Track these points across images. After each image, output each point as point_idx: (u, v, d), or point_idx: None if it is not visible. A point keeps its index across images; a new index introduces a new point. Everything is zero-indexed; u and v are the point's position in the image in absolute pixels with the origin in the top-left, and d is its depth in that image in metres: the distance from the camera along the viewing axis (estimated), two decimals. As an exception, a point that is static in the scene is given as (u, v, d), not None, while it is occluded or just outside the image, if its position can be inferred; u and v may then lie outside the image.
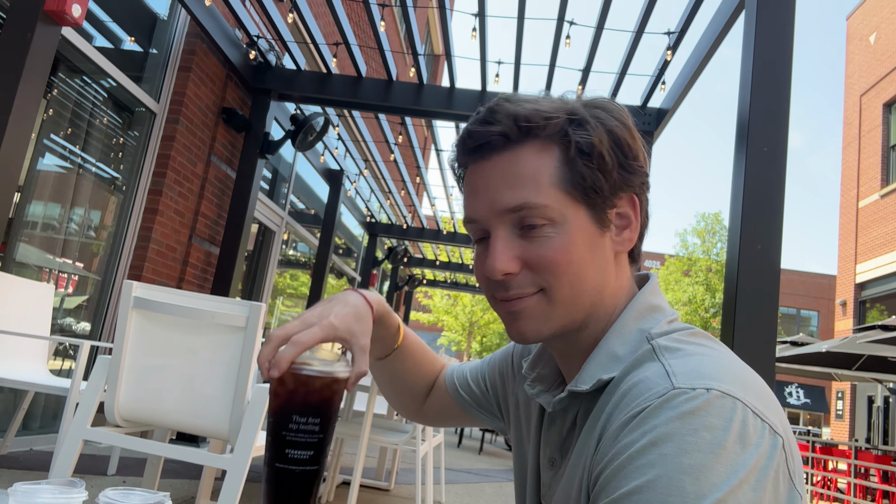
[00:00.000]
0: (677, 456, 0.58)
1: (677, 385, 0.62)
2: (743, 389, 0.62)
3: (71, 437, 2.24)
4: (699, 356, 0.67)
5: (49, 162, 4.16)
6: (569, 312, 0.75)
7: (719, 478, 0.56)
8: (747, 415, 0.60)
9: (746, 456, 0.58)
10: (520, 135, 0.74)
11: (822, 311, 31.82)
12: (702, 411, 0.59)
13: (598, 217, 0.74)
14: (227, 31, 5.11)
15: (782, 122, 3.05)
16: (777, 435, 0.61)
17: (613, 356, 0.73)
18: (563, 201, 0.73)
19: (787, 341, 11.29)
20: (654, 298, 0.78)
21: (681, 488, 0.56)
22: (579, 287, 0.74)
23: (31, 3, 2.95)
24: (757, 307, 2.94)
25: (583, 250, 0.73)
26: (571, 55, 39.52)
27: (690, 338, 0.71)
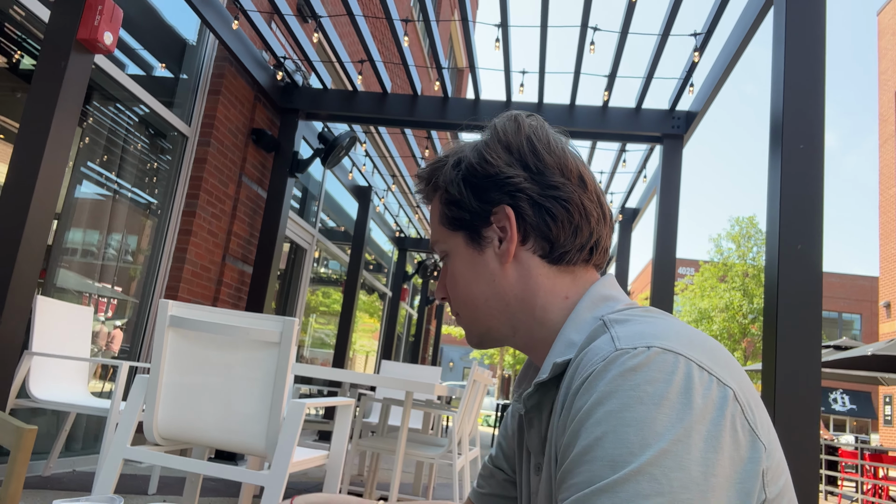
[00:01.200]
0: (620, 411, 0.59)
1: (619, 346, 0.64)
2: (688, 346, 0.64)
3: (111, 456, 2.26)
4: (647, 322, 0.69)
5: (86, 189, 4.26)
6: (479, 324, 0.86)
7: (663, 427, 0.57)
8: (691, 367, 0.61)
9: (694, 407, 0.59)
10: (428, 193, 0.91)
11: (865, 313, 30.93)
12: (643, 367, 0.61)
13: (472, 239, 0.84)
14: (255, 54, 5.20)
15: (818, 117, 2.97)
16: (726, 386, 0.61)
17: (569, 343, 0.75)
18: (445, 235, 0.87)
19: (830, 345, 10.97)
20: (606, 290, 0.81)
21: (625, 440, 0.58)
22: (472, 303, 0.85)
23: (65, 32, 3.03)
24: (800, 308, 2.85)
25: (465, 271, 0.85)
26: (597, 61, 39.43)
27: (643, 313, 0.74)
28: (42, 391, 3.21)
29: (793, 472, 0.73)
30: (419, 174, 0.92)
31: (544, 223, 0.80)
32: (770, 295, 2.98)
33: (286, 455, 2.22)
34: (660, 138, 5.46)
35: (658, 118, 5.39)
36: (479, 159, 0.83)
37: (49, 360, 3.34)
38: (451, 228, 0.86)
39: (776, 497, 0.62)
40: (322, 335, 9.15)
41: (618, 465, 0.57)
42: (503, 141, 0.83)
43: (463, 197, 0.83)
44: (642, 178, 7.26)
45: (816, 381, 2.86)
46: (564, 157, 0.83)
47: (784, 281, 2.88)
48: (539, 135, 0.83)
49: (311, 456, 2.52)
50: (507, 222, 0.81)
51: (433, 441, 4.06)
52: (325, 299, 9.22)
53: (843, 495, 9.96)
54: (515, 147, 0.82)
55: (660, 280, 5.29)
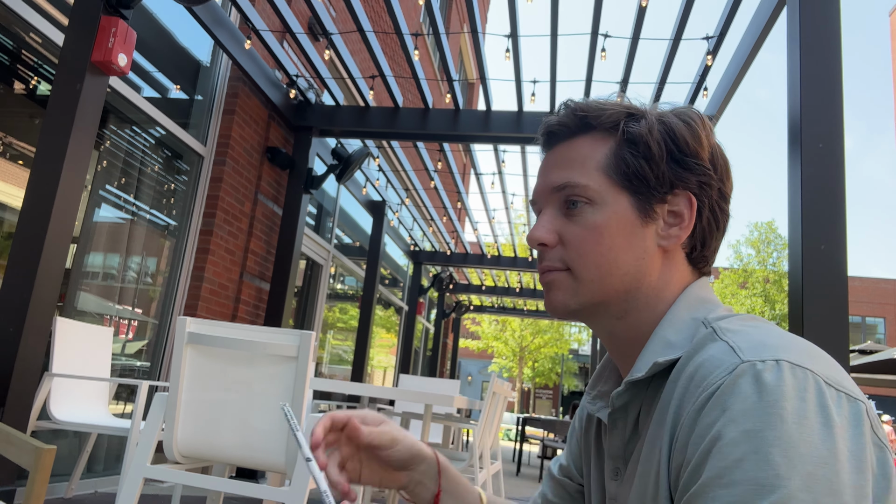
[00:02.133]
0: (761, 430, 0.56)
1: (745, 359, 0.61)
2: (811, 360, 0.61)
3: (132, 475, 2.25)
4: (761, 332, 0.66)
5: (104, 211, 4.30)
6: (596, 292, 0.77)
7: (808, 448, 0.55)
8: (820, 384, 0.58)
9: (833, 426, 0.56)
10: (578, 125, 0.80)
11: (889, 317, 30.41)
12: (775, 383, 0.58)
13: (641, 207, 0.76)
14: (268, 73, 5.25)
15: (836, 115, 2.93)
16: (857, 401, 0.59)
17: (667, 343, 0.72)
18: (605, 185, 0.77)
19: (855, 350, 10.77)
20: (703, 292, 0.78)
21: (770, 461, 0.55)
22: (607, 269, 0.76)
23: (79, 55, 3.07)
24: (825, 310, 2.79)
25: (616, 235, 0.76)
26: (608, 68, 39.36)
27: (749, 320, 0.71)
28: (63, 412, 3.22)
29: None
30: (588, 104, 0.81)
31: (709, 227, 0.79)
32: (795, 297, 2.92)
33: (306, 472, 2.20)
34: (674, 144, 5.41)
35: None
36: (689, 133, 0.77)
37: (69, 381, 3.35)
38: (620, 182, 0.77)
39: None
40: (340, 351, 9.15)
41: (765, 488, 0.54)
42: (707, 130, 0.78)
43: (661, 159, 0.76)
44: (658, 184, 7.20)
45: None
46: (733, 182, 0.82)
47: (808, 283, 2.82)
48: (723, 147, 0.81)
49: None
50: (687, 210, 0.77)
51: (454, 455, 4.01)
52: (342, 315, 9.23)
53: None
54: (712, 144, 0.79)
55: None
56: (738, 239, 27.87)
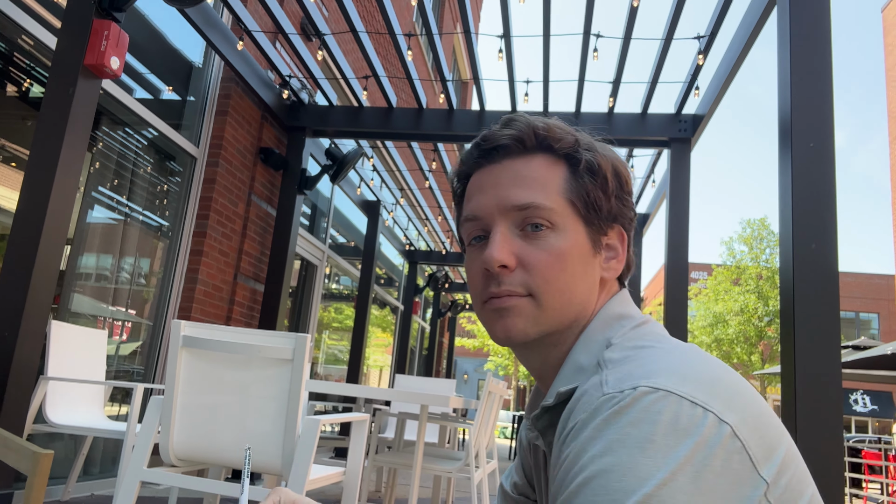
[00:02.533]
0: (602, 455, 0.57)
1: (605, 392, 0.62)
2: (680, 381, 0.60)
3: (128, 478, 2.26)
4: (642, 359, 0.66)
5: (97, 213, 4.29)
6: (555, 320, 0.75)
7: (647, 471, 0.55)
8: (682, 405, 0.58)
9: (680, 447, 0.56)
10: (535, 144, 0.79)
11: (883, 312, 30.58)
12: (627, 409, 0.59)
13: (592, 238, 0.78)
14: (260, 74, 5.25)
15: (827, 113, 2.95)
16: (722, 422, 0.58)
17: (578, 368, 0.72)
18: (566, 211, 0.76)
19: (848, 346, 10.82)
20: (620, 308, 0.78)
21: (607, 487, 0.55)
22: (569, 297, 0.75)
23: (72, 58, 3.07)
24: (817, 308, 2.81)
25: (576, 263, 0.76)
26: (601, 68, 39.33)
27: (645, 344, 0.70)
28: (59, 416, 3.22)
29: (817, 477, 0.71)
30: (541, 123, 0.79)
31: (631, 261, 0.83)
32: (786, 296, 2.94)
33: (303, 472, 2.21)
34: (667, 142, 5.44)
35: (664, 122, 5.38)
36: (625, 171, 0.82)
37: (65, 384, 3.35)
38: (578, 210, 0.77)
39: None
40: (335, 351, 9.15)
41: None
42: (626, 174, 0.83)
43: (611, 193, 0.79)
44: (651, 183, 7.23)
45: (837, 378, 2.81)
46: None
47: (800, 281, 2.84)
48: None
49: (328, 473, 2.51)
50: (621, 244, 0.81)
51: (450, 455, 4.02)
52: (338, 315, 9.23)
53: (868, 497, 9.79)
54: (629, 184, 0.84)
55: (673, 285, 5.25)
56: (731, 236, 27.95)
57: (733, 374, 0.65)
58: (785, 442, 0.62)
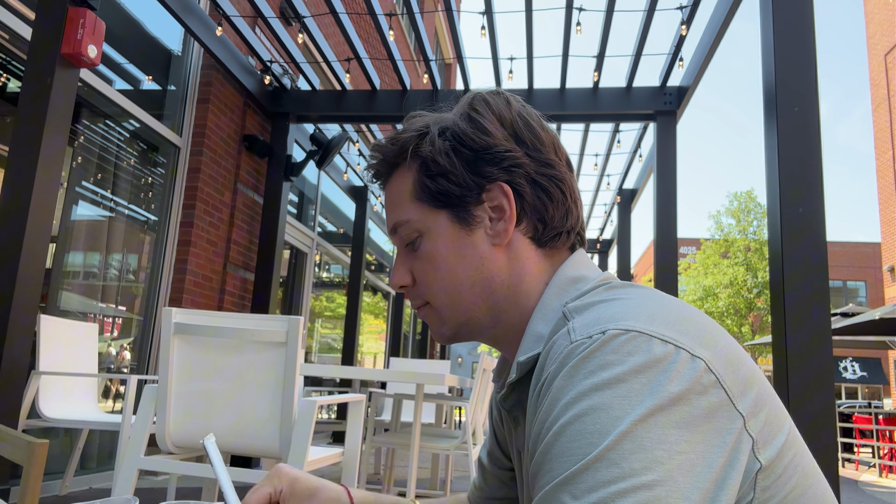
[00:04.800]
0: (576, 401, 0.56)
1: (573, 339, 0.60)
2: (648, 321, 0.59)
3: (126, 467, 2.25)
4: (607, 305, 0.64)
5: (82, 208, 4.24)
6: (456, 313, 0.78)
7: (622, 410, 0.54)
8: (652, 344, 0.57)
9: (654, 385, 0.55)
10: (387, 168, 0.81)
11: (870, 280, 30.92)
12: (596, 352, 0.58)
13: (460, 218, 0.75)
14: (241, 60, 5.18)
15: (810, 78, 2.95)
16: (695, 357, 0.57)
17: (537, 336, 0.71)
18: (422, 212, 0.77)
19: (837, 313, 10.95)
20: (573, 271, 0.75)
21: (583, 431, 0.54)
22: (454, 289, 0.76)
23: (48, 48, 3.01)
24: (806, 272, 2.83)
25: (448, 254, 0.76)
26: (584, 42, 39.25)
27: (605, 291, 0.68)
28: (52, 410, 3.20)
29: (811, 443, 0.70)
30: (383, 143, 0.81)
31: (541, 203, 0.75)
32: (775, 261, 2.96)
33: (301, 454, 2.21)
34: (653, 116, 5.44)
35: (650, 95, 5.37)
36: (473, 128, 0.75)
37: (57, 378, 3.33)
38: (431, 205, 0.76)
39: (774, 459, 0.58)
40: (329, 340, 9.15)
41: (577, 456, 0.54)
42: (496, 112, 0.76)
43: (454, 168, 0.74)
44: (638, 157, 7.23)
45: (828, 345, 2.84)
46: (556, 137, 0.79)
47: (788, 246, 2.86)
48: (529, 110, 0.79)
49: (327, 454, 2.51)
50: (505, 200, 0.74)
51: (447, 433, 4.04)
52: (329, 303, 9.21)
53: (860, 461, 9.96)
54: (509, 120, 0.76)
55: (662, 260, 5.27)
56: (719, 209, 28.11)
57: (701, 314, 0.64)
58: (758, 378, 0.62)
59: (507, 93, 0.80)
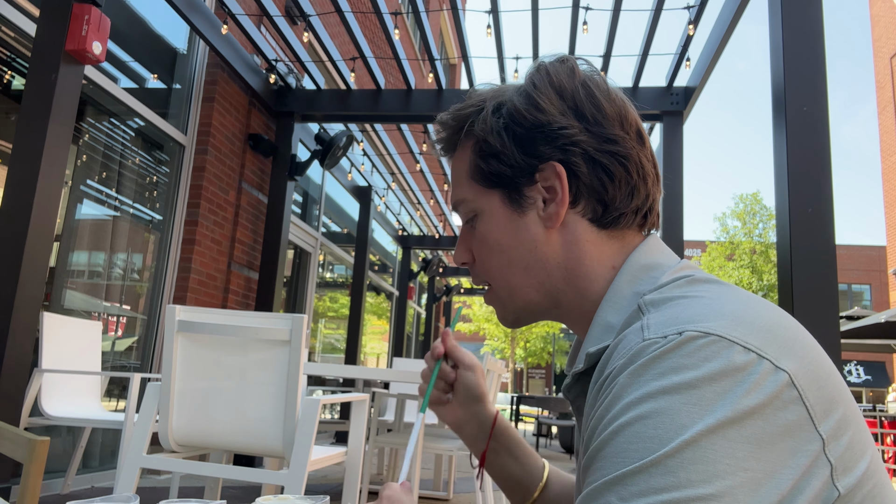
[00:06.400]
0: (640, 403, 0.52)
1: (647, 337, 0.56)
2: (731, 325, 0.54)
3: (128, 465, 2.24)
4: (686, 302, 0.60)
5: (86, 206, 4.23)
6: (515, 298, 0.76)
7: (689, 418, 0.50)
8: (732, 351, 0.52)
9: (728, 395, 0.50)
10: (449, 142, 0.80)
11: (875, 283, 30.80)
12: (670, 353, 0.53)
13: (512, 199, 0.74)
14: (246, 59, 5.17)
15: (819, 78, 2.93)
16: (779, 370, 0.52)
17: (608, 326, 0.67)
18: (477, 192, 0.76)
19: (842, 316, 10.91)
20: (647, 258, 0.71)
21: (643, 434, 0.51)
22: (509, 271, 0.75)
23: (53, 44, 3.00)
24: (814, 272, 2.81)
25: (501, 236, 0.74)
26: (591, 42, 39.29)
27: (687, 286, 0.64)
28: (55, 408, 3.19)
29: None
30: (443, 119, 0.80)
31: (600, 183, 0.71)
32: (783, 261, 2.94)
33: (304, 453, 2.19)
34: (659, 116, 5.41)
35: (656, 95, 5.34)
36: (527, 105, 0.71)
37: (60, 376, 3.32)
38: (485, 185, 0.75)
39: (854, 487, 0.53)
40: (332, 340, 9.13)
41: (632, 459, 0.51)
42: (555, 84, 0.72)
43: (505, 149, 0.72)
44: (643, 158, 7.20)
45: (836, 341, 2.81)
46: (625, 107, 0.73)
47: (797, 246, 2.83)
48: (596, 81, 0.73)
49: (330, 454, 2.49)
50: (558, 182, 0.71)
51: (450, 434, 4.02)
52: (333, 304, 9.20)
53: (865, 465, 9.89)
54: (570, 92, 0.71)
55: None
56: (724, 211, 28.04)
57: (792, 321, 0.60)
58: (845, 397, 0.57)
59: (577, 59, 0.76)
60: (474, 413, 0.93)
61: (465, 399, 0.93)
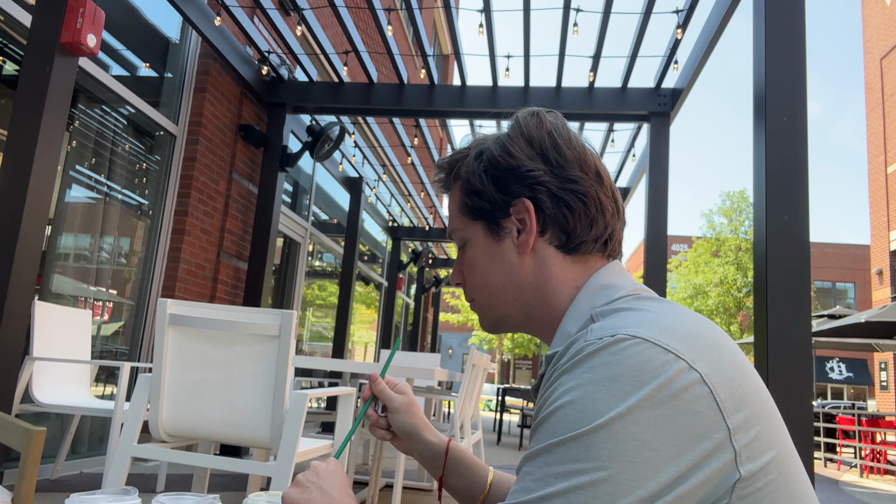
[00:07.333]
0: (570, 391, 0.64)
1: (588, 339, 0.67)
2: (658, 331, 0.65)
3: (119, 454, 2.30)
4: (627, 313, 0.71)
5: (76, 192, 4.26)
6: (493, 311, 0.91)
7: (606, 405, 0.61)
8: (653, 350, 0.63)
9: (644, 387, 0.61)
10: (446, 181, 0.95)
11: (858, 282, 31.17)
12: (600, 351, 0.64)
13: (492, 230, 0.87)
14: (239, 49, 5.19)
15: (800, 89, 3.01)
16: (693, 370, 0.62)
17: (566, 335, 0.78)
18: (465, 223, 0.90)
19: (824, 315, 11.07)
20: (605, 280, 0.83)
21: (567, 417, 0.62)
22: (489, 290, 0.89)
23: (48, 36, 3.03)
24: (789, 279, 2.90)
25: (483, 260, 0.89)
26: (581, 43, 39.10)
27: (633, 301, 0.75)
28: (46, 395, 3.24)
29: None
30: (439, 164, 0.96)
31: (562, 215, 0.83)
32: (759, 267, 3.03)
33: (291, 445, 2.26)
34: (647, 116, 5.49)
35: (644, 96, 5.42)
36: (501, 151, 0.86)
37: (51, 364, 3.36)
38: (470, 218, 0.89)
39: (757, 472, 0.62)
40: (320, 328, 9.19)
41: (558, 433, 0.62)
42: (525, 134, 0.85)
43: (484, 188, 0.86)
44: (631, 157, 7.29)
45: (807, 343, 2.91)
46: (584, 153, 0.86)
47: (773, 253, 2.92)
48: (560, 131, 0.86)
49: (316, 445, 2.56)
50: (527, 215, 0.83)
51: (436, 426, 4.10)
52: (322, 292, 9.25)
53: (842, 461, 10.11)
54: (537, 141, 0.85)
55: (652, 258, 5.34)
56: (711, 208, 28.20)
57: (719, 333, 0.70)
58: (758, 398, 0.66)
59: (546, 112, 0.89)
60: (414, 445, 1.06)
61: (402, 435, 1.06)
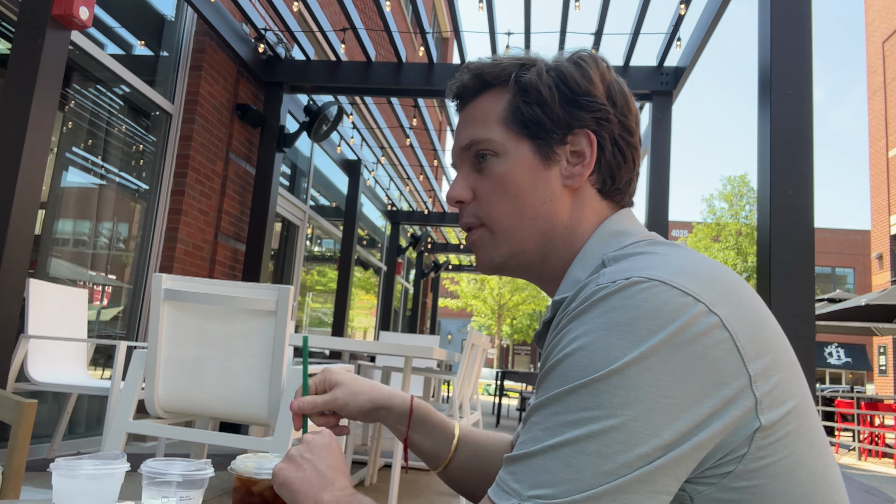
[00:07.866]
0: (581, 336, 0.60)
1: (600, 283, 0.64)
2: (675, 273, 0.61)
3: (114, 430, 2.27)
4: (641, 257, 0.68)
5: (72, 174, 4.20)
6: (513, 241, 0.81)
7: (620, 351, 0.57)
8: (671, 293, 0.59)
9: (661, 331, 0.57)
10: (478, 85, 0.84)
11: (858, 267, 31.17)
12: (613, 294, 0.61)
13: (542, 151, 0.79)
14: (235, 27, 5.12)
15: (805, 61, 2.95)
16: (712, 313, 0.59)
17: (575, 281, 0.75)
18: (506, 135, 0.80)
19: (823, 299, 11.06)
20: (619, 225, 0.79)
21: (578, 363, 0.59)
22: (518, 216, 0.80)
23: (39, 9, 2.96)
24: (792, 253, 2.86)
25: (522, 182, 0.79)
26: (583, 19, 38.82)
27: (647, 246, 0.72)
28: (41, 374, 3.21)
29: None
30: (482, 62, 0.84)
31: (616, 160, 0.80)
32: (763, 241, 2.99)
33: (288, 423, 2.23)
34: (649, 95, 5.42)
35: (646, 75, 5.35)
36: (580, 74, 0.79)
37: (47, 343, 3.33)
38: (517, 130, 0.80)
39: (777, 422, 0.59)
40: (319, 314, 9.17)
41: (569, 381, 0.59)
42: (600, 69, 0.80)
43: (553, 102, 0.78)
44: (632, 138, 7.22)
45: (811, 327, 2.88)
46: (637, 112, 0.84)
47: (777, 227, 2.88)
48: (623, 81, 0.83)
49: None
50: (588, 148, 0.78)
51: (435, 407, 4.08)
52: (321, 277, 9.22)
53: (840, 444, 10.15)
54: (608, 81, 0.81)
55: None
56: (712, 193, 28.14)
57: (735, 277, 0.67)
58: (779, 345, 0.63)
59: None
60: (378, 418, 0.98)
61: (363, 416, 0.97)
